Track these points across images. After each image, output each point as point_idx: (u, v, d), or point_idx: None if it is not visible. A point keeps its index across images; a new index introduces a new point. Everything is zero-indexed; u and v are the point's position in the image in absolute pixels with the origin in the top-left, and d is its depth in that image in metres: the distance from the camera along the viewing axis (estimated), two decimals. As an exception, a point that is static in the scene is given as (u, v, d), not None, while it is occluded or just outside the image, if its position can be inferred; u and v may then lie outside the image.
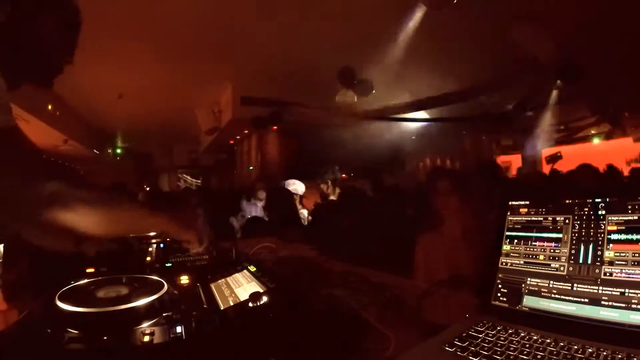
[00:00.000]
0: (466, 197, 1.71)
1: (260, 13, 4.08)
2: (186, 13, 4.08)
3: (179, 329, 0.65)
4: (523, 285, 0.77)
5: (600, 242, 0.70)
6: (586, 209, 0.74)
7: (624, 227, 0.68)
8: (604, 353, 0.58)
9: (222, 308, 0.77)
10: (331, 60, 5.11)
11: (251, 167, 8.89)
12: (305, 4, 3.92)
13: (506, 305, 0.78)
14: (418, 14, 4.07)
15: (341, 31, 4.40)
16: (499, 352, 0.63)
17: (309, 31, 4.40)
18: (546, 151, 7.39)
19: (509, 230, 0.84)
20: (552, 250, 0.76)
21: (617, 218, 0.69)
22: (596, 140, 9.68)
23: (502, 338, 0.67)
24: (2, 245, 1.25)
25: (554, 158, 5.49)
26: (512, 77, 5.69)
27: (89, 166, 11.68)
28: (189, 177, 13.63)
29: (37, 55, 0.90)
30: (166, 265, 1.18)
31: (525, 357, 0.61)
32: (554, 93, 6.53)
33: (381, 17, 4.13)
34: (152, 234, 1.79)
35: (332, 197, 3.75)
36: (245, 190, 5.23)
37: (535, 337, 0.66)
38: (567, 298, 0.70)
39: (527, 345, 0.63)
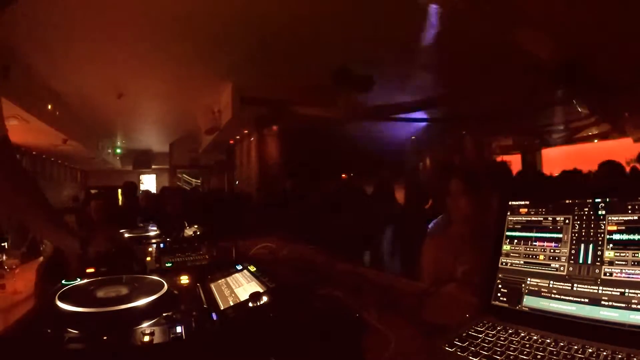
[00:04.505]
0: (478, 197, 1.67)
1: (261, 12, 4.08)
2: (186, 12, 4.08)
3: (179, 329, 0.65)
4: (523, 285, 0.77)
5: (600, 242, 0.70)
6: (586, 209, 0.74)
7: (624, 227, 0.68)
8: (604, 353, 0.58)
9: (222, 308, 0.77)
10: (331, 59, 5.10)
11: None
12: (306, 3, 3.92)
13: (506, 305, 0.78)
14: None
15: (342, 29, 4.40)
16: (499, 352, 0.63)
17: (311, 29, 4.40)
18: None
19: (509, 230, 0.84)
20: (552, 250, 0.76)
21: (617, 218, 0.69)
22: (596, 140, 9.67)
23: (502, 338, 0.67)
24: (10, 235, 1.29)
25: None
26: (512, 78, 5.68)
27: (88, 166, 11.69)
28: (188, 177, 13.63)
29: None
30: (166, 265, 1.18)
31: (525, 357, 0.61)
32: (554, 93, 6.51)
33: (382, 16, 4.13)
34: (152, 234, 1.79)
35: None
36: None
37: (535, 337, 0.66)
38: (567, 298, 0.70)
39: (527, 345, 0.63)
